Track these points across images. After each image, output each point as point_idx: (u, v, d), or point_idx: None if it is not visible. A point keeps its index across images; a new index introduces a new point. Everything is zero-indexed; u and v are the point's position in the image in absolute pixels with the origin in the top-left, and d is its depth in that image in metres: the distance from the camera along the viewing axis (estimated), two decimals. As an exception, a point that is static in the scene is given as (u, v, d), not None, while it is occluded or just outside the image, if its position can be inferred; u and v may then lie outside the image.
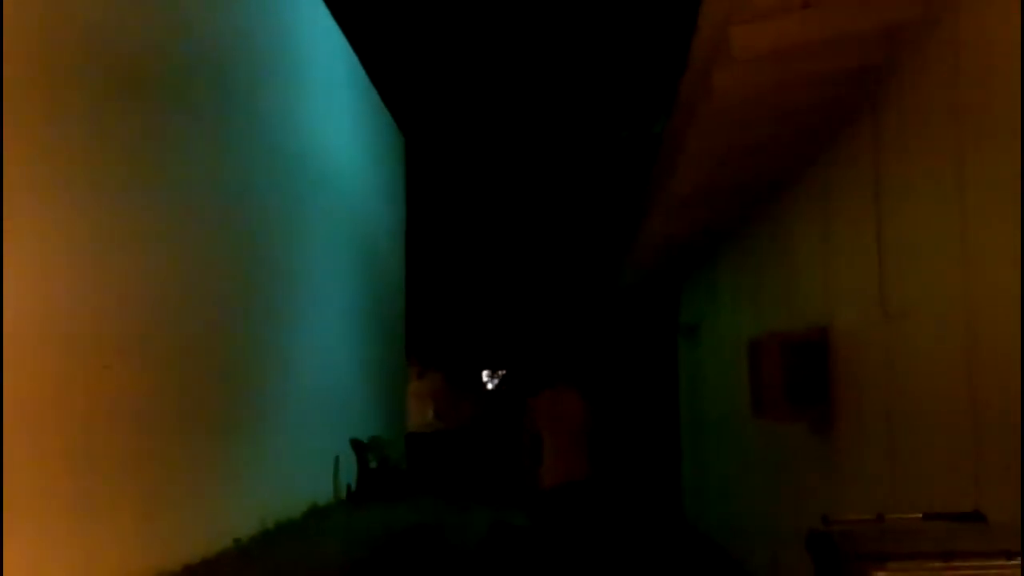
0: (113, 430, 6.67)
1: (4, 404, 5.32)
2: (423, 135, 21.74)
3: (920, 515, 2.66)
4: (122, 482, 6.78)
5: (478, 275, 23.92)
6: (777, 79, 4.22)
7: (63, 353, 6.07)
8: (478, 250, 23.55)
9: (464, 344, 26.06)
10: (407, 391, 21.13)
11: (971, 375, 3.25)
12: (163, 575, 7.07)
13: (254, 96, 10.07)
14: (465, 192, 23.13)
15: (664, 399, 14.43)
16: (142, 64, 7.28)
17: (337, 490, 12.99)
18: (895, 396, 4.04)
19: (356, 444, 13.57)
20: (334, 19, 13.99)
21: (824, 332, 5.06)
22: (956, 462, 3.39)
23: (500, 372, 30.71)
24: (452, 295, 24.31)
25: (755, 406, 5.69)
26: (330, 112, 13.76)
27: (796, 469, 5.84)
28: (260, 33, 10.48)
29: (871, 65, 4.05)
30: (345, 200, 14.43)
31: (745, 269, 7.54)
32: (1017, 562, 2.10)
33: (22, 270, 5.54)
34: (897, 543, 2.34)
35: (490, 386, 31.43)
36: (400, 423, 18.79)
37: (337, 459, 13.05)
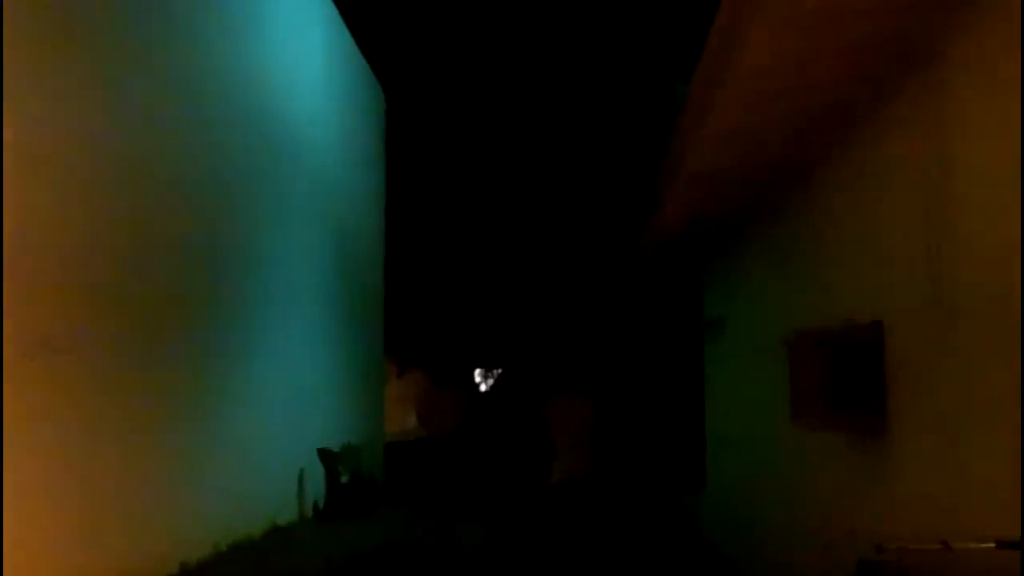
0: (34, 431, 6.61)
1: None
2: (407, 91, 21.62)
3: (993, 543, 2.61)
4: (47, 495, 6.73)
5: (469, 258, 23.86)
6: (814, 46, 4.20)
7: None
8: (469, 228, 23.48)
9: (452, 338, 26.02)
10: (386, 393, 21.11)
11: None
12: (96, 605, 7.03)
13: (198, 34, 9.90)
14: (456, 161, 23.04)
15: (687, 401, 14.45)
16: None
17: (303, 507, 12.96)
18: (959, 401, 3.99)
19: (325, 454, 13.53)
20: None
21: (876, 327, 5.01)
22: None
23: (495, 371, 30.70)
24: (438, 280, 24.26)
25: (795, 410, 5.66)
26: (297, 60, 13.65)
27: (841, 485, 5.80)
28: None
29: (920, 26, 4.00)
30: (314, 168, 14.35)
31: (779, 254, 7.49)
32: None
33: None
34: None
35: (483, 387, 31.42)
36: (377, 430, 18.76)
37: (302, 471, 13.01)
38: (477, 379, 31.34)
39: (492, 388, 30.92)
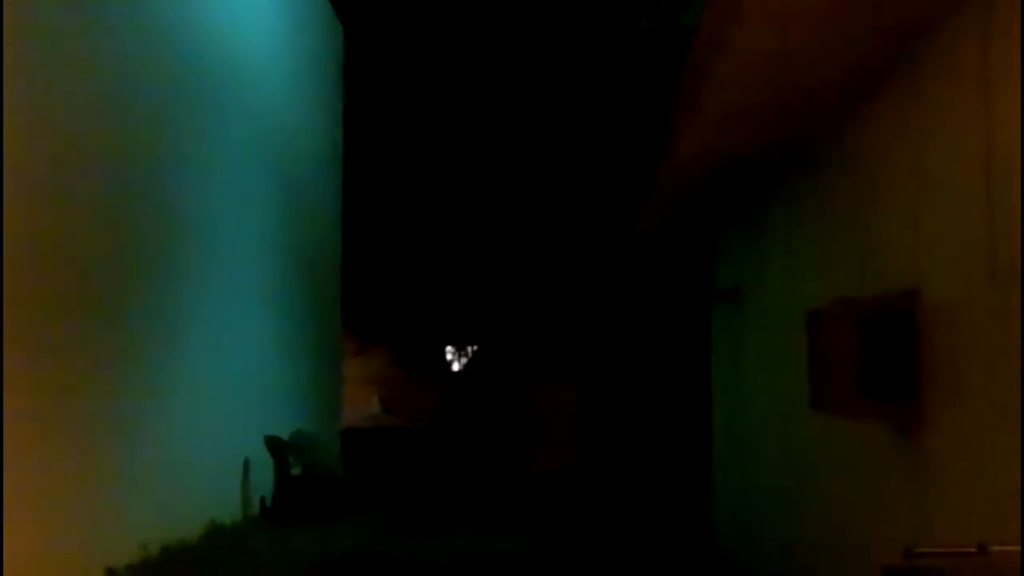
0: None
1: None
2: (368, 24, 21.46)
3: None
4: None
5: (440, 221, 23.78)
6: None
7: None
8: (440, 188, 23.38)
9: (419, 311, 25.98)
10: (343, 373, 21.11)
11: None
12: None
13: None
14: (424, 105, 22.91)
15: (694, 382, 14.51)
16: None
17: (247, 504, 12.97)
18: (1009, 387, 4.01)
19: (273, 443, 13.52)
20: None
21: (912, 298, 5.01)
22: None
23: (469, 348, 30.72)
24: (404, 246, 24.19)
25: (815, 397, 5.67)
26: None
27: (871, 481, 5.82)
28: None
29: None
30: (261, 112, 14.26)
31: (805, 215, 7.48)
32: None
33: None
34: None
35: (456, 366, 31.46)
36: (334, 415, 18.78)
37: (247, 462, 13.01)
38: (449, 357, 31.37)
39: (467, 368, 30.95)
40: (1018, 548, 2.63)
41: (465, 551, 10.89)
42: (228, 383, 12.39)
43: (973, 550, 2.63)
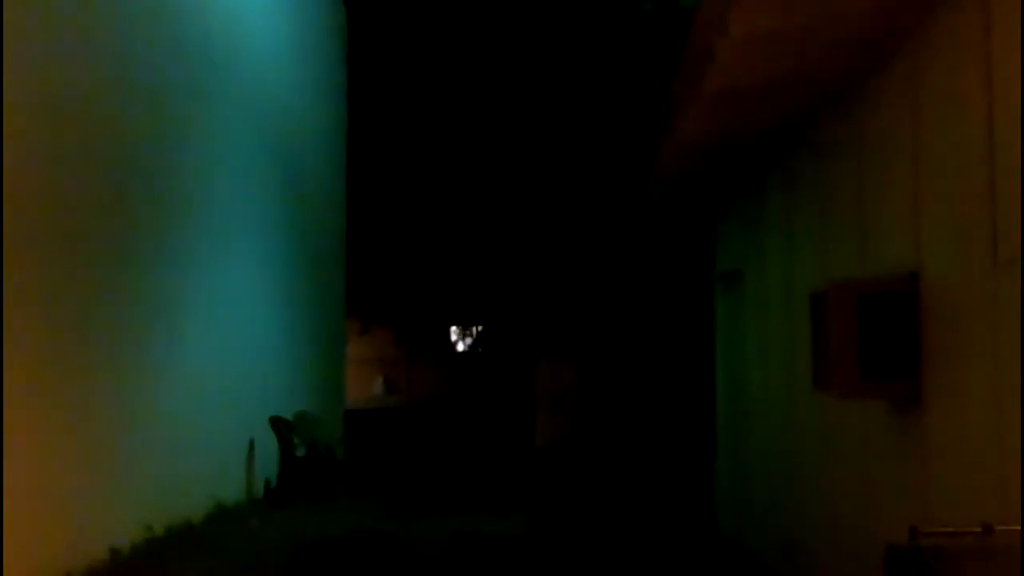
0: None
1: None
2: (371, 6, 21.42)
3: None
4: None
5: (443, 198, 23.76)
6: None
7: None
8: (443, 165, 23.36)
9: (422, 291, 25.99)
10: (346, 354, 21.14)
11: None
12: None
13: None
14: (428, 86, 22.87)
15: (695, 365, 14.52)
16: None
17: (251, 485, 13.00)
18: (1008, 367, 4.01)
19: (278, 423, 13.54)
20: None
21: (912, 279, 5.02)
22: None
23: (474, 329, 30.74)
24: (407, 227, 24.18)
25: (818, 378, 5.68)
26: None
27: (872, 461, 5.84)
28: None
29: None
30: (263, 94, 14.24)
31: (805, 198, 7.48)
32: None
33: None
34: (1008, 565, 2.31)
35: (460, 347, 31.49)
36: (337, 396, 18.81)
37: (252, 444, 13.04)
38: (454, 338, 31.40)
39: (471, 348, 30.99)
40: (1019, 528, 2.63)
41: (463, 531, 10.92)
42: (232, 365, 12.41)
43: (978, 530, 2.63)
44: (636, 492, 14.55)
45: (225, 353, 12.20)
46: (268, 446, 13.38)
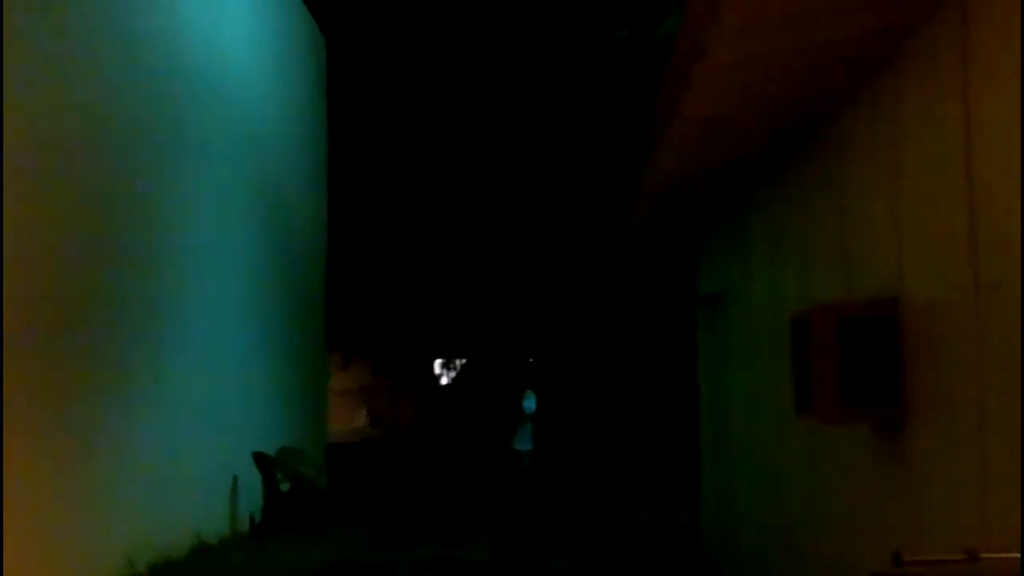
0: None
1: None
2: (351, 37, 21.45)
3: (1025, 554, 2.61)
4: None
5: (424, 229, 23.76)
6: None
7: None
8: (424, 196, 23.36)
9: (406, 324, 25.95)
10: (329, 386, 21.07)
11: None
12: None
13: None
14: (409, 118, 22.90)
15: (679, 387, 14.55)
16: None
17: (235, 520, 12.92)
18: (991, 391, 4.00)
19: (261, 459, 13.48)
20: None
21: (894, 305, 5.02)
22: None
23: (457, 362, 30.70)
24: (388, 257, 24.16)
25: (799, 402, 5.67)
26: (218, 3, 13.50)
27: (855, 487, 5.83)
28: None
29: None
30: (243, 124, 14.22)
31: (788, 221, 7.50)
32: None
33: None
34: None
35: (444, 380, 31.42)
36: (320, 430, 18.73)
37: (235, 479, 12.96)
38: (437, 371, 31.33)
39: (455, 382, 30.92)
40: (1012, 555, 2.60)
41: (440, 557, 10.97)
42: (214, 401, 12.35)
43: (962, 556, 2.60)
44: (622, 514, 14.54)
45: (207, 389, 12.14)
46: (252, 481, 13.30)
